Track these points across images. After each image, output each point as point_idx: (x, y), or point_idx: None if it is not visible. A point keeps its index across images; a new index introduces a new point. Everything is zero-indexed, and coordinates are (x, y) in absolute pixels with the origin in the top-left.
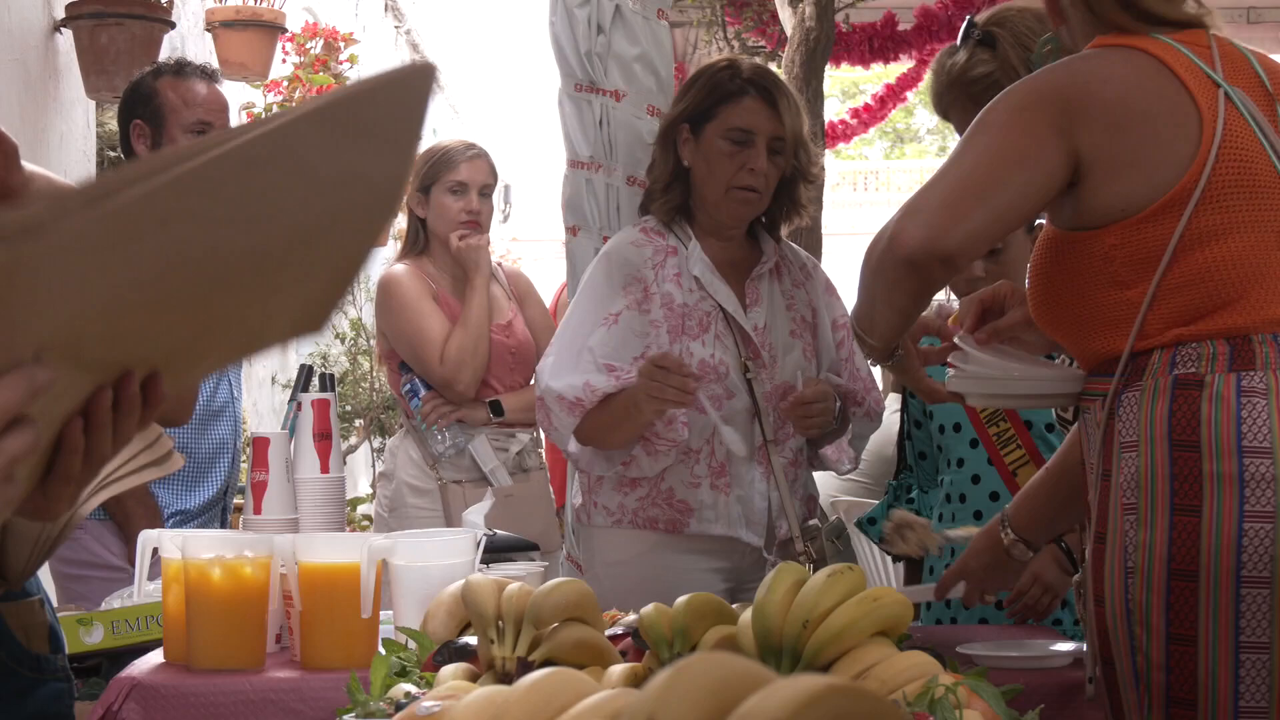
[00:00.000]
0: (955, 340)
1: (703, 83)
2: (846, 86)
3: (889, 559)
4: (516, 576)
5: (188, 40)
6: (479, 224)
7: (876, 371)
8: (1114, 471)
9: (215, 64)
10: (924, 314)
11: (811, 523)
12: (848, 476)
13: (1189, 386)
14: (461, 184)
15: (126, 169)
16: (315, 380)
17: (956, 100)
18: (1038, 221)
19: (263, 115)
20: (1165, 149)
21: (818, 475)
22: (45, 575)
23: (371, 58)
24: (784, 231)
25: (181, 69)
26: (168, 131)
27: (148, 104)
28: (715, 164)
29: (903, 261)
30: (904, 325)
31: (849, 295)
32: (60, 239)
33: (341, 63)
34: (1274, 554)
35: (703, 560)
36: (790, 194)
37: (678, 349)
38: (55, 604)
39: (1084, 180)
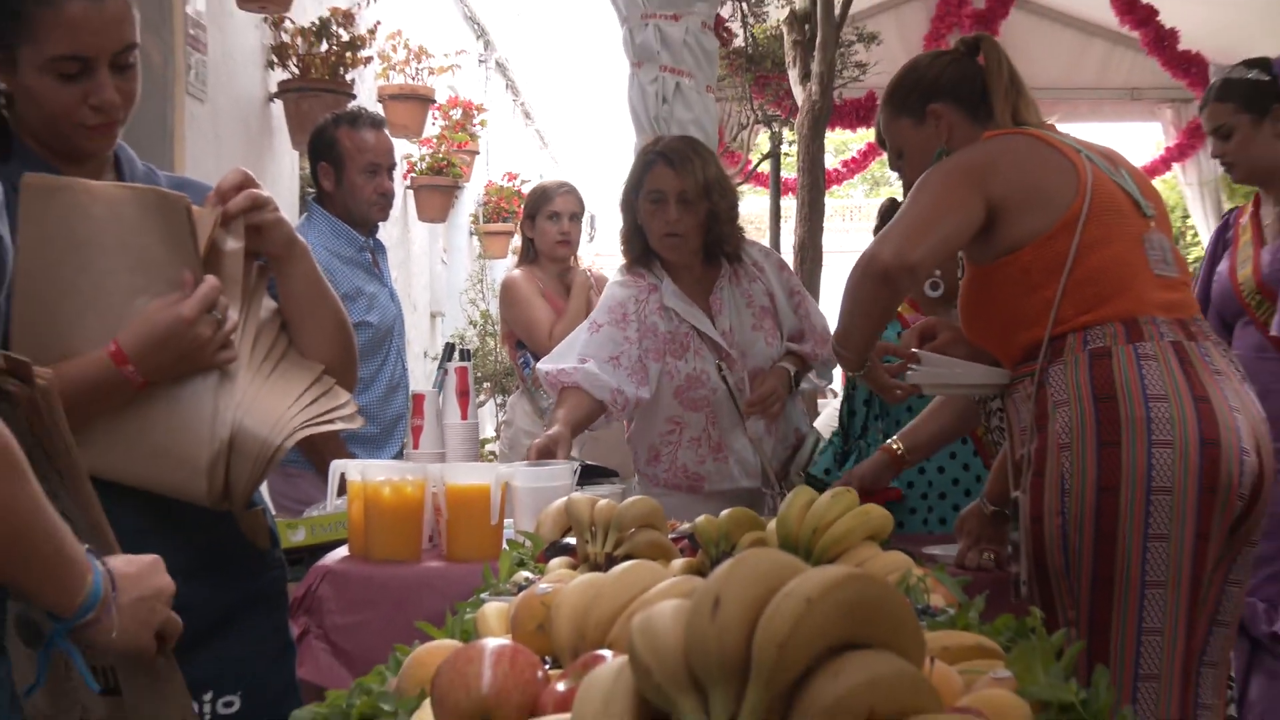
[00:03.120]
0: (913, 350)
1: (637, 158)
2: (838, 144)
3: None
4: (603, 495)
5: (364, 108)
6: (570, 242)
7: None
8: (1049, 424)
9: None
10: (884, 341)
11: (794, 459)
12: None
13: (1101, 357)
14: (556, 213)
15: None
16: (456, 354)
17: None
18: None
19: (418, 163)
20: (1056, 189)
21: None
22: (267, 499)
23: (495, 120)
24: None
25: (355, 119)
26: (348, 175)
27: (330, 150)
28: (648, 220)
29: (878, 274)
30: (874, 335)
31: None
32: None
33: (475, 125)
34: (1174, 469)
35: (721, 503)
36: (718, 224)
37: (666, 366)
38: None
39: (999, 219)
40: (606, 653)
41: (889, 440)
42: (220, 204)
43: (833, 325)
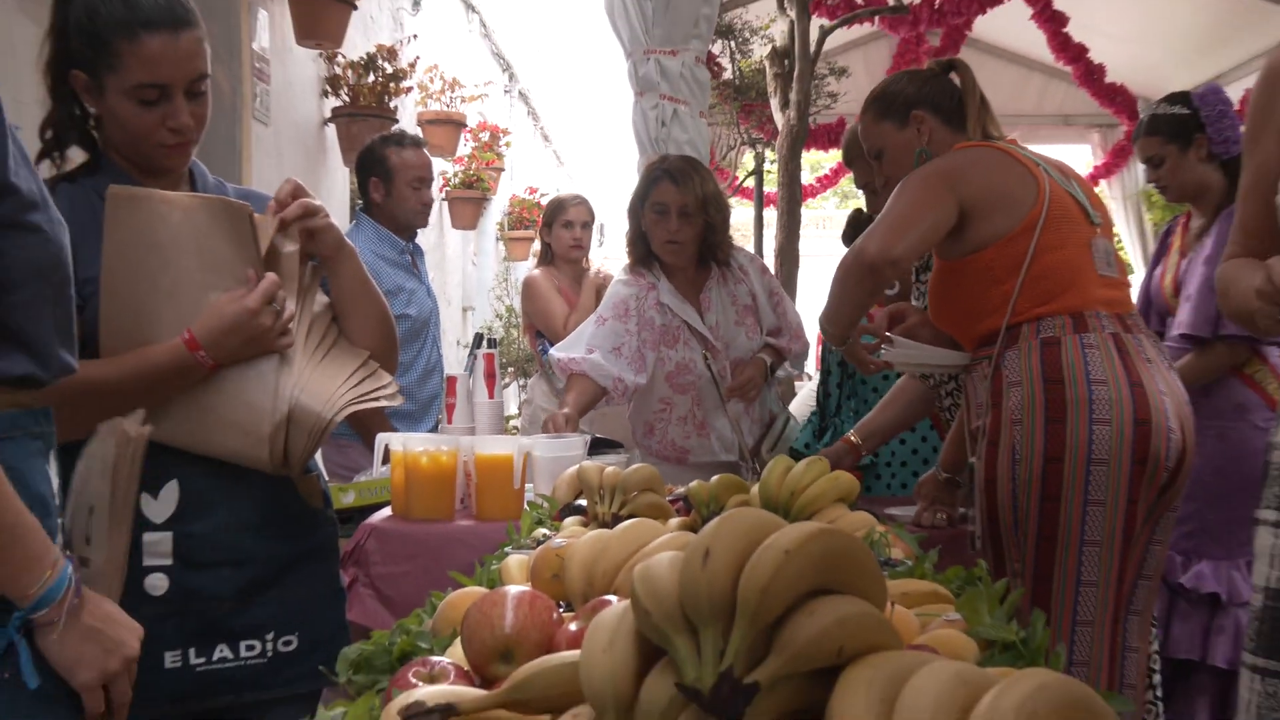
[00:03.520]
0: (886, 334)
1: (644, 172)
2: (813, 163)
3: None
4: (610, 463)
5: (406, 130)
6: (582, 246)
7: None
8: (1003, 401)
9: None
10: (861, 324)
11: (767, 437)
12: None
13: (1051, 345)
14: (570, 221)
15: None
16: (484, 342)
17: (862, 155)
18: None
19: (452, 179)
20: (1019, 197)
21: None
22: (321, 466)
23: (518, 142)
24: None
25: (401, 140)
26: (396, 187)
27: (380, 166)
28: (651, 228)
29: (866, 265)
30: (858, 317)
31: (814, 297)
32: None
33: (500, 146)
34: (1110, 444)
35: (703, 473)
36: (713, 234)
37: (660, 355)
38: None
39: (969, 220)
40: (612, 598)
41: (848, 433)
42: (278, 211)
43: (807, 322)
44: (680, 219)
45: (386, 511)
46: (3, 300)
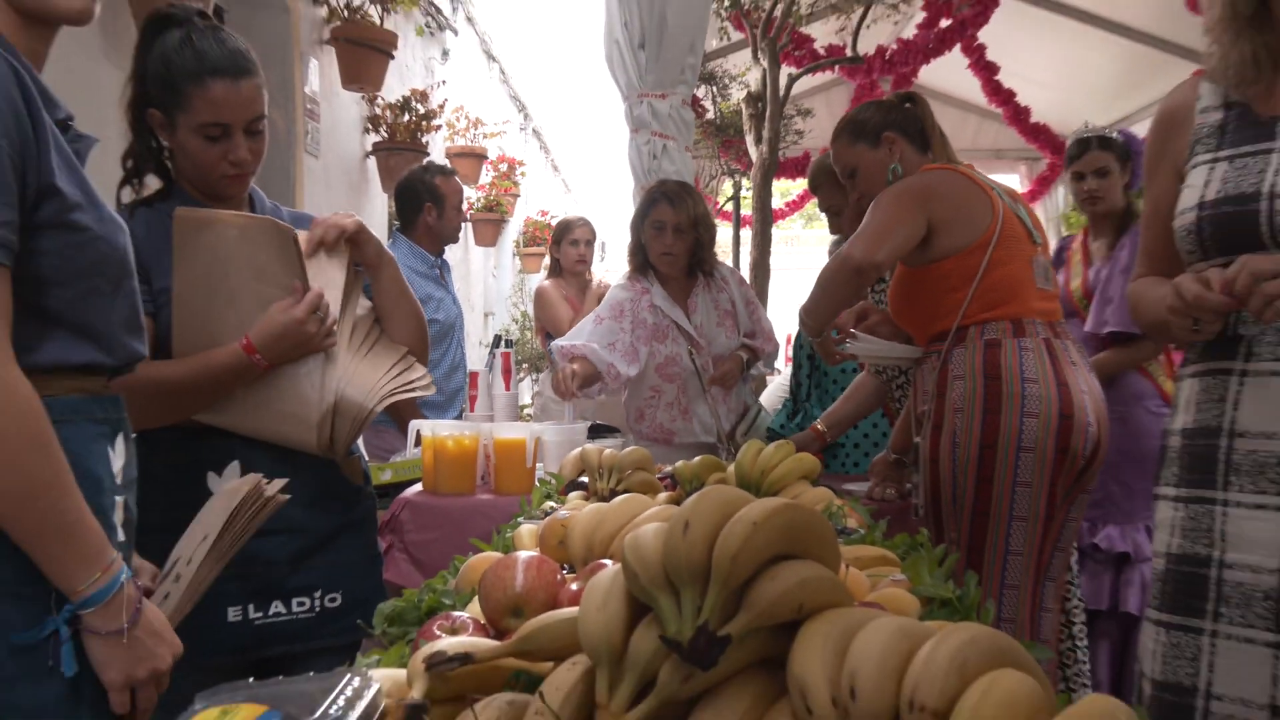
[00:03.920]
0: (851, 330)
1: (645, 195)
2: (783, 190)
3: None
4: (608, 446)
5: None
6: (585, 261)
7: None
8: (947, 392)
9: None
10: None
11: (741, 423)
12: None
13: (993, 346)
14: (575, 240)
15: None
16: (502, 343)
17: (825, 182)
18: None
19: (475, 203)
20: (977, 217)
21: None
22: (362, 448)
23: (532, 172)
24: (711, 264)
25: (445, 170)
26: (446, 211)
27: (433, 192)
28: (650, 242)
29: (852, 269)
30: (835, 314)
31: (784, 304)
32: None
33: (516, 175)
34: (1038, 434)
35: (686, 453)
36: (702, 249)
37: (651, 349)
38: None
39: (933, 234)
40: (608, 562)
41: (815, 422)
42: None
43: (778, 326)
44: (674, 235)
45: (418, 487)
46: (58, 294)
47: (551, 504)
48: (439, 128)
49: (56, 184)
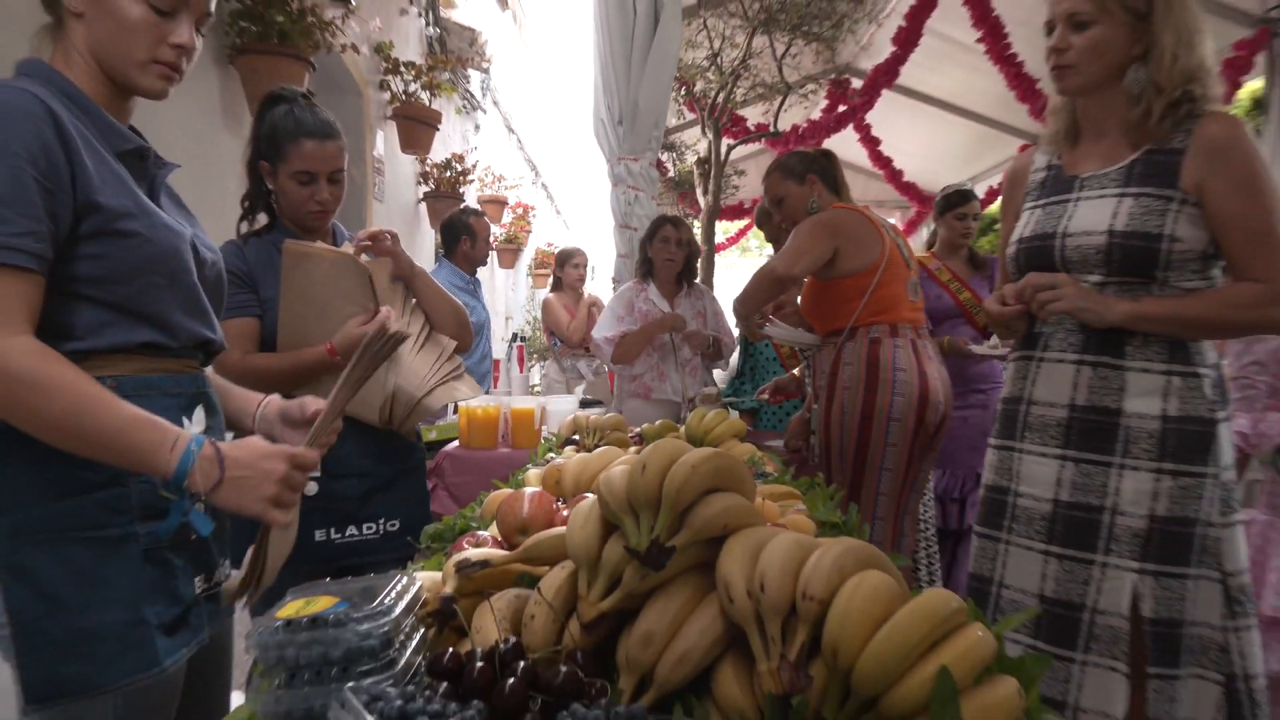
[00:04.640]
0: (770, 317)
1: (653, 222)
2: (725, 229)
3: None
4: (593, 413)
5: (470, 206)
6: (581, 280)
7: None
8: (839, 373)
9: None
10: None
11: (704, 391)
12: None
13: (875, 343)
14: (577, 264)
15: None
16: (517, 339)
17: (766, 221)
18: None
19: (499, 237)
20: (870, 248)
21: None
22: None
23: (541, 214)
24: (697, 276)
25: (477, 212)
26: (478, 243)
27: (469, 229)
28: (657, 253)
29: (775, 278)
30: (759, 308)
31: (724, 312)
32: None
33: (530, 217)
34: (904, 410)
35: (660, 409)
36: (690, 262)
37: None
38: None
39: (837, 259)
40: (589, 495)
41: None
42: (362, 242)
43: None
44: (676, 247)
45: (455, 443)
46: (117, 290)
47: (552, 455)
48: (472, 181)
49: (97, 200)
